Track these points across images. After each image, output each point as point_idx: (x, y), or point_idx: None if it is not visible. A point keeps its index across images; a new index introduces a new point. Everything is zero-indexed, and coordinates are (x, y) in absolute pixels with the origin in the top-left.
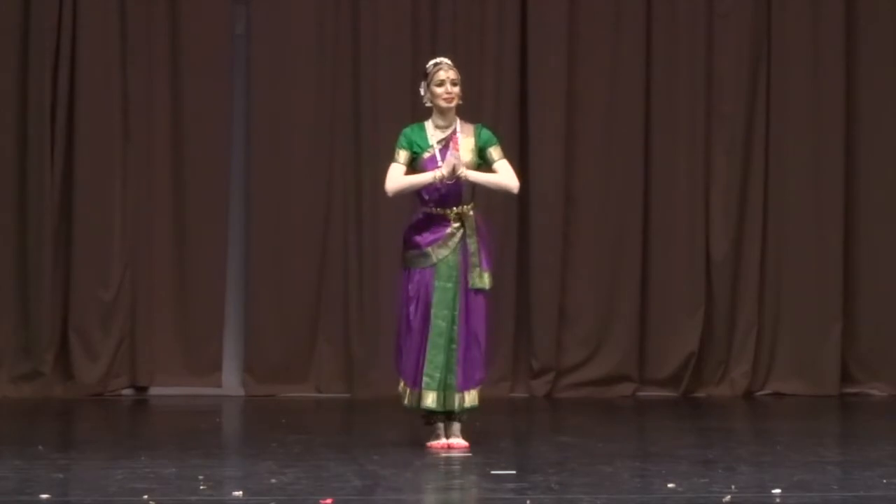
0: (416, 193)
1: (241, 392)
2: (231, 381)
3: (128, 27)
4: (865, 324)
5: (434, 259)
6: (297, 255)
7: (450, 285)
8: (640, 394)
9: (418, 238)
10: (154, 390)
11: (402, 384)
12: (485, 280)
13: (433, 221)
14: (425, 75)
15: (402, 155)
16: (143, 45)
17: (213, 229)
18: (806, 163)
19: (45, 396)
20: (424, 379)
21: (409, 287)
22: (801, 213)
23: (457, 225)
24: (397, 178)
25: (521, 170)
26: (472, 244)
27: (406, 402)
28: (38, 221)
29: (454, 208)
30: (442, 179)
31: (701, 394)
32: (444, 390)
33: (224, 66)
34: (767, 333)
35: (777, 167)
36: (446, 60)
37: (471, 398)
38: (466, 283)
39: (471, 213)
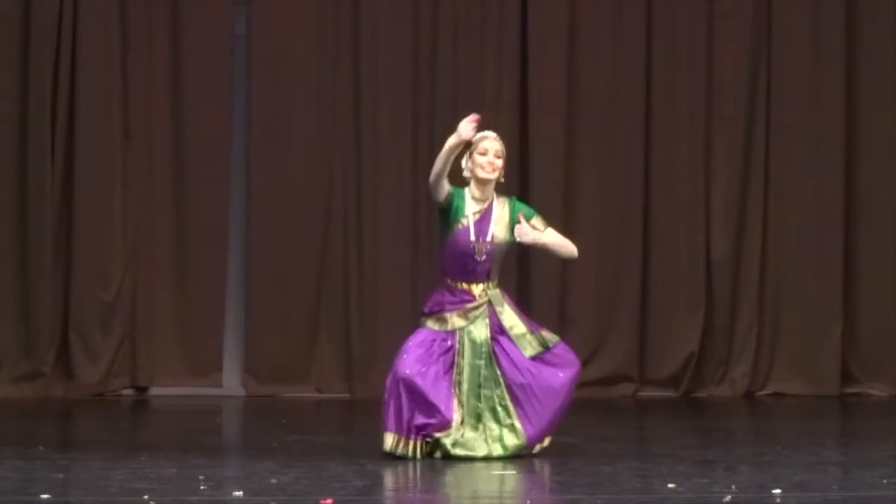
0: (442, 267)
1: (242, 392)
2: (231, 381)
3: (128, 27)
4: (865, 324)
5: (449, 327)
6: (297, 255)
7: (480, 362)
8: (641, 394)
9: (440, 301)
10: (154, 390)
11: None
12: (545, 340)
13: (456, 294)
14: (469, 145)
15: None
16: (143, 44)
17: (213, 229)
18: (806, 163)
19: (45, 396)
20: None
21: (409, 339)
22: (801, 212)
23: (482, 300)
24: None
25: (521, 170)
26: (508, 319)
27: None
28: (38, 221)
29: (480, 285)
30: (456, 147)
31: (701, 394)
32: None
33: (224, 66)
34: (767, 333)
35: (777, 167)
36: (493, 133)
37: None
38: (504, 354)
39: (496, 290)
